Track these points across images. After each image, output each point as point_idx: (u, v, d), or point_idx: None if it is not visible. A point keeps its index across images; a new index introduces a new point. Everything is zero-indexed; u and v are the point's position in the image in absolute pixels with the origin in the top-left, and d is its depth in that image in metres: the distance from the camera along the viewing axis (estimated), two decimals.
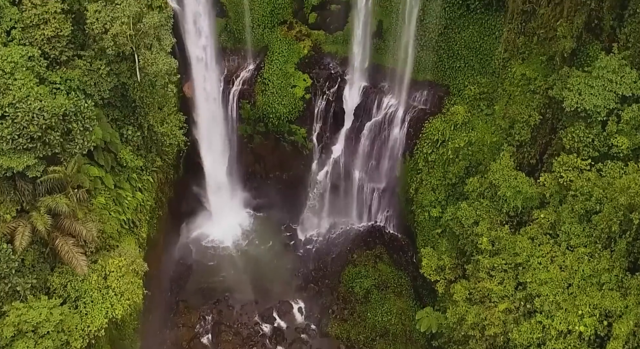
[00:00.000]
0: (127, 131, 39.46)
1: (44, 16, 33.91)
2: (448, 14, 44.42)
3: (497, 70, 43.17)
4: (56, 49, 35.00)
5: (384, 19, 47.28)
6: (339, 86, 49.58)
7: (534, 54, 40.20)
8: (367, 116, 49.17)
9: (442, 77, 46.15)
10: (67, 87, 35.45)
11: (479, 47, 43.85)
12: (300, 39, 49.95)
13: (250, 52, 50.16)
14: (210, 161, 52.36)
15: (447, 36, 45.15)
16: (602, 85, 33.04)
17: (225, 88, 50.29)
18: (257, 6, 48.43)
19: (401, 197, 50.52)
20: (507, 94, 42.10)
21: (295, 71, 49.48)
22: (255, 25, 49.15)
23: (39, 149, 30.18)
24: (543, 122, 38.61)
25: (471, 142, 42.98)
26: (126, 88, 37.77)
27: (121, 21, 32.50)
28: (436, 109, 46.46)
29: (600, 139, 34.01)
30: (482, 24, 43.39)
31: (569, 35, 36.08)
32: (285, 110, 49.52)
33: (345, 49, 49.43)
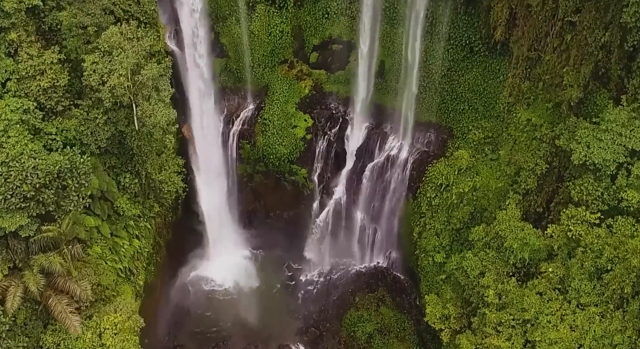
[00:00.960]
0: (125, 178, 38.60)
1: (40, 67, 33.28)
2: (451, 56, 43.85)
3: (501, 115, 42.50)
4: (52, 100, 34.30)
5: (386, 60, 46.69)
6: (340, 126, 48.87)
7: (540, 100, 39.54)
8: (369, 157, 48.38)
9: (445, 119, 45.44)
10: (64, 137, 34.71)
11: (482, 90, 43.20)
12: (301, 79, 49.33)
13: (251, 92, 49.49)
14: (210, 200, 51.40)
15: (450, 78, 44.54)
16: (612, 138, 32.24)
17: (225, 128, 49.56)
18: (258, 46, 47.87)
19: (404, 239, 49.53)
20: (512, 139, 41.36)
21: (296, 111, 48.81)
22: (255, 64, 48.55)
23: (32, 208, 29.28)
24: (550, 171, 37.76)
25: (476, 187, 42.12)
26: (124, 136, 36.98)
27: (119, 73, 31.79)
28: (439, 151, 45.70)
29: (610, 193, 33.13)
30: (486, 67, 42.77)
31: (576, 84, 35.39)
32: (285, 151, 48.73)
33: (347, 89, 48.80)
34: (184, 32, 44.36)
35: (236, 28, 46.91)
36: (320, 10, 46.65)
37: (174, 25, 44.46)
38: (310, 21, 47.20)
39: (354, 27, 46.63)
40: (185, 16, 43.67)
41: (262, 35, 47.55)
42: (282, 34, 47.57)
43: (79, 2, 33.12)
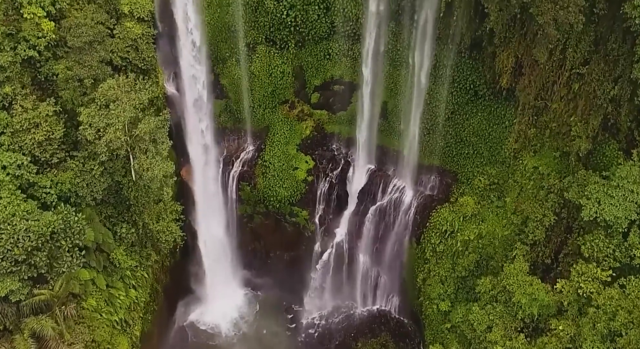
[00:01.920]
0: (121, 228, 37.59)
1: (35, 120, 32.46)
2: (455, 99, 43.04)
3: (507, 160, 41.59)
4: (47, 152, 33.42)
5: (388, 101, 45.90)
6: (342, 168, 47.94)
7: (547, 148, 38.71)
8: (372, 199, 47.38)
9: (449, 163, 44.51)
10: (58, 191, 33.77)
11: (487, 135, 42.32)
12: (302, 119, 48.51)
13: (251, 133, 48.63)
14: (208, 241, 50.27)
15: (454, 121, 43.69)
16: (623, 195, 31.27)
17: (224, 169, 48.61)
18: (258, 87, 47.10)
19: (407, 283, 48.35)
20: (519, 186, 40.45)
21: (297, 153, 47.92)
22: (255, 105, 47.75)
23: (23, 272, 28.26)
24: (558, 222, 36.80)
25: (481, 235, 41.09)
26: (121, 186, 36.07)
27: (115, 127, 30.95)
28: (444, 196, 44.69)
29: (622, 250, 32.11)
30: (491, 112, 41.95)
31: (584, 135, 34.60)
32: (286, 193, 47.77)
33: (349, 130, 47.96)
34: (183, 75, 43.67)
35: (236, 69, 46.22)
36: (322, 52, 45.97)
37: (173, 67, 43.81)
38: (311, 62, 46.50)
39: (356, 68, 45.91)
40: (185, 59, 42.99)
41: (262, 76, 46.82)
42: (283, 75, 46.84)
43: (76, 54, 32.39)
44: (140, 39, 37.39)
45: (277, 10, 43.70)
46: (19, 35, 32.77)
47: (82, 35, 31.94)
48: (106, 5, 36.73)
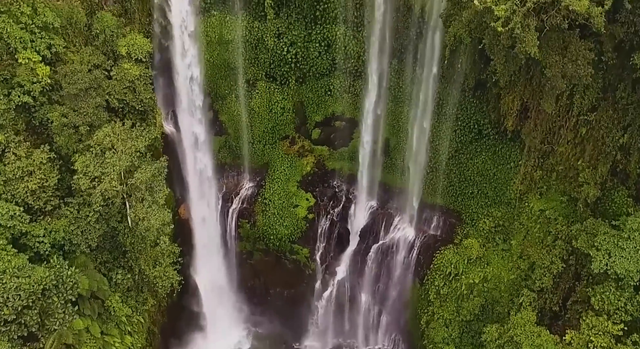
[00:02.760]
0: (117, 274, 36.54)
1: (28, 168, 31.59)
2: (459, 138, 42.20)
3: (512, 202, 40.66)
4: (41, 200, 32.52)
5: (391, 138, 45.10)
6: (343, 205, 47.00)
7: (553, 191, 37.81)
8: (374, 237, 46.37)
9: (453, 202, 43.55)
10: (52, 239, 32.82)
11: (492, 175, 41.42)
12: (303, 155, 47.68)
13: (250, 169, 47.78)
14: (207, 278, 49.19)
15: (458, 160, 42.81)
16: (634, 247, 30.31)
17: (223, 206, 47.69)
18: (258, 122, 46.36)
19: (410, 323, 47.13)
20: (525, 229, 39.49)
21: (298, 190, 47.01)
22: (255, 141, 46.95)
23: (12, 331, 27.21)
24: (566, 269, 35.79)
25: (487, 278, 40.04)
26: (116, 232, 35.13)
27: (111, 177, 30.07)
28: (447, 236, 43.70)
29: (634, 303, 31.08)
30: (496, 152, 41.08)
31: (592, 181, 33.72)
32: (287, 231, 46.77)
33: (351, 166, 47.10)
34: (182, 113, 42.98)
35: (236, 105, 45.50)
36: (323, 88, 45.23)
37: (172, 105, 43.08)
38: (312, 98, 45.79)
39: (357, 104, 45.16)
40: (183, 97, 42.29)
41: (262, 111, 46.09)
42: (283, 111, 46.11)
43: (71, 101, 31.60)
44: (138, 80, 36.63)
45: (277, 47, 43.07)
46: (13, 80, 32.04)
47: (77, 82, 31.19)
48: (103, 47, 36.06)
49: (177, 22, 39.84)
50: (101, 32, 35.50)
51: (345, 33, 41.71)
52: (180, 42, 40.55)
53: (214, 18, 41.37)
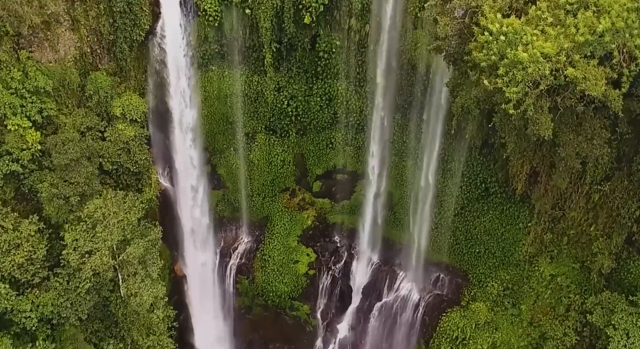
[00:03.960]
0: (108, 344, 34.71)
1: (15, 241, 30.15)
2: (465, 194, 40.74)
3: (521, 264, 39.06)
4: (28, 273, 30.99)
5: (394, 192, 43.69)
6: (345, 261, 45.46)
7: (565, 255, 36.25)
8: (377, 295, 44.71)
9: (460, 261, 41.96)
10: (39, 314, 31.23)
11: (500, 235, 39.88)
12: (304, 208, 46.22)
13: (249, 223, 46.26)
14: (205, 335, 47.53)
15: (464, 217, 41.29)
16: None
17: (221, 261, 46.09)
18: (257, 175, 45.00)
19: None
20: (535, 294, 37.84)
21: (298, 245, 45.48)
22: (254, 194, 45.53)
23: None
24: (580, 341, 34.13)
25: (495, 345, 38.28)
26: (108, 301, 33.56)
27: (102, 253, 28.61)
28: (454, 296, 42.03)
29: None
30: (504, 211, 39.58)
31: (607, 251, 32.20)
32: (287, 288, 45.13)
33: (353, 220, 45.64)
34: (178, 168, 41.67)
35: (234, 158, 44.15)
36: (324, 140, 43.94)
37: (168, 161, 41.80)
38: (313, 150, 44.47)
39: (359, 157, 43.87)
40: (180, 152, 41.06)
41: (262, 164, 44.75)
42: (283, 163, 44.77)
43: (61, 170, 30.26)
44: (132, 141, 35.42)
45: (277, 100, 41.89)
46: (1, 148, 30.80)
47: (68, 152, 29.88)
48: (97, 108, 34.88)
49: (174, 78, 38.75)
50: (95, 94, 34.36)
51: (347, 88, 40.55)
52: (177, 98, 39.37)
53: (212, 73, 40.22)
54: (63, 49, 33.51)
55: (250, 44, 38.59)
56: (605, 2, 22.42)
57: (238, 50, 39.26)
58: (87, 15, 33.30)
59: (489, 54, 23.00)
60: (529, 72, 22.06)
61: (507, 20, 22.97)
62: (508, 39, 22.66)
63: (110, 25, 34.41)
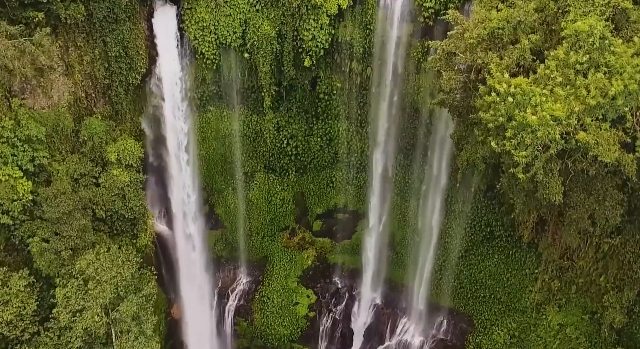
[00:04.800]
0: None
1: (4, 298, 29.07)
2: (469, 236, 39.60)
3: (528, 310, 37.89)
4: (17, 329, 29.83)
5: (396, 232, 42.60)
6: (346, 303, 44.29)
7: (574, 305, 35.07)
8: (379, 339, 43.43)
9: (464, 305, 40.73)
10: None
11: (506, 280, 38.73)
12: (304, 248, 45.10)
13: (248, 263, 45.05)
14: None
15: (468, 261, 40.15)
16: None
17: (219, 303, 44.87)
18: (256, 215, 43.95)
19: None
20: (543, 343, 36.61)
21: (298, 286, 44.33)
22: (253, 233, 44.41)
23: None
24: None
25: None
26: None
27: (94, 311, 27.53)
28: (458, 341, 40.75)
29: None
30: (509, 256, 38.47)
31: (618, 305, 31.07)
32: (286, 331, 43.89)
33: (354, 260, 44.48)
34: (175, 211, 40.64)
35: (233, 198, 43.14)
36: (325, 179, 42.97)
37: (164, 203, 40.85)
38: (313, 189, 43.47)
39: (361, 197, 42.84)
40: (176, 195, 40.08)
41: (261, 203, 43.72)
42: (283, 202, 43.74)
43: (53, 223, 29.25)
44: (127, 186, 34.45)
45: (277, 140, 40.97)
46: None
47: (60, 205, 28.92)
48: (91, 154, 33.94)
49: (171, 120, 37.93)
50: (89, 139, 33.45)
51: (348, 129, 39.68)
52: (174, 139, 38.49)
53: (210, 113, 39.34)
54: (57, 94, 32.70)
55: (249, 85, 37.76)
56: (617, 63, 21.59)
57: (236, 91, 38.43)
58: (82, 60, 32.55)
59: (497, 115, 22.09)
60: (539, 136, 21.13)
61: (514, 80, 22.10)
62: (516, 101, 21.76)
63: (105, 70, 33.65)
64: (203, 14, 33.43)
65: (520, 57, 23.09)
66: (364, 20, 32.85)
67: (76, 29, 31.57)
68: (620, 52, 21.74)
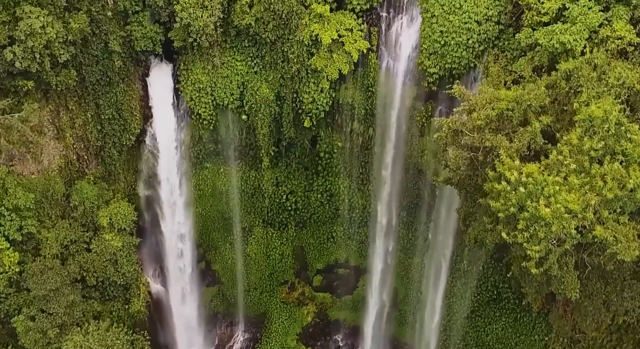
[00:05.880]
0: None
1: None
2: (475, 297, 38.01)
3: None
4: None
5: (400, 288, 41.12)
6: None
7: None
8: None
9: None
10: None
11: (514, 344, 37.08)
12: (303, 303, 43.56)
13: (246, 318, 43.47)
14: None
15: (474, 322, 38.56)
16: None
17: None
18: (255, 269, 42.55)
19: None
20: None
21: (298, 345, 42.65)
22: (251, 288, 42.93)
23: None
24: None
25: None
26: None
27: None
28: None
29: None
30: (517, 320, 36.93)
31: None
32: None
33: (355, 317, 42.92)
34: (170, 269, 39.31)
35: (230, 253, 41.72)
36: (325, 234, 41.60)
37: (159, 262, 39.44)
38: (313, 244, 42.09)
39: (363, 252, 41.43)
40: (171, 254, 38.70)
41: (259, 258, 42.31)
42: (282, 257, 42.35)
43: (39, 300, 27.85)
44: (120, 251, 33.13)
45: (276, 195, 39.71)
46: None
47: (47, 282, 27.58)
48: (82, 218, 32.63)
49: (166, 178, 36.64)
50: (80, 204, 32.19)
51: (350, 186, 38.42)
52: (169, 198, 37.25)
53: (206, 170, 38.13)
54: (47, 159, 31.51)
55: (247, 143, 36.63)
56: (635, 151, 20.38)
57: (234, 148, 37.30)
58: (74, 123, 31.41)
59: (507, 204, 20.83)
60: (553, 230, 19.85)
61: (526, 168, 20.86)
62: (528, 190, 20.53)
63: (98, 132, 32.52)
64: (199, 75, 32.35)
65: (532, 140, 21.91)
66: (366, 82, 31.78)
67: (68, 93, 30.52)
68: (637, 140, 20.56)
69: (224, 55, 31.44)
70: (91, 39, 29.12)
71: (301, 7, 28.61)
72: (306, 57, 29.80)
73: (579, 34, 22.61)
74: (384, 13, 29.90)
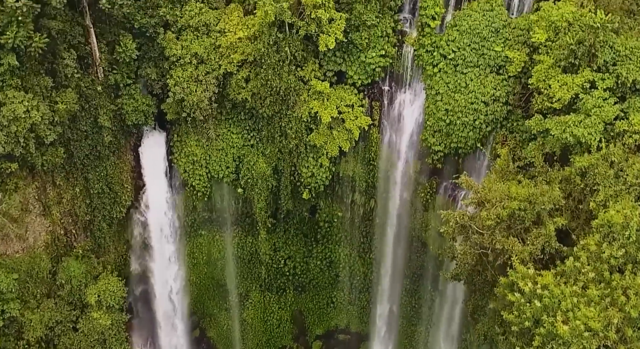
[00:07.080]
0: None
1: None
2: None
3: None
4: None
5: None
6: None
7: None
8: None
9: None
10: None
11: None
12: None
13: None
14: None
15: None
16: None
17: None
18: (251, 335, 40.79)
19: None
20: None
21: None
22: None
23: None
24: None
25: None
26: None
27: None
28: None
29: None
30: None
31: None
32: None
33: None
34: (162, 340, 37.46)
35: (226, 319, 40.00)
36: (325, 299, 39.92)
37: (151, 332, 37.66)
38: (312, 309, 40.37)
39: (364, 318, 39.76)
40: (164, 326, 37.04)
41: (256, 323, 40.56)
42: (280, 322, 40.61)
43: None
44: (109, 330, 31.49)
45: (273, 261, 38.12)
46: None
47: None
48: (69, 297, 31.00)
49: (158, 248, 35.10)
50: (67, 282, 30.54)
51: (350, 254, 36.87)
52: (162, 268, 35.63)
53: (201, 238, 36.58)
54: (32, 236, 29.96)
55: (243, 212, 35.25)
56: None
57: (230, 215, 35.88)
58: (61, 199, 29.92)
59: (522, 317, 19.32)
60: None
61: (541, 279, 19.36)
62: (544, 304, 19.03)
63: (87, 206, 31.01)
64: (193, 148, 30.98)
65: (546, 243, 20.48)
66: (367, 156, 30.47)
67: (55, 169, 29.09)
68: None
69: (219, 127, 30.17)
70: (80, 114, 27.84)
71: (300, 83, 27.38)
72: (305, 133, 28.53)
73: (593, 128, 21.31)
74: (386, 87, 28.71)
